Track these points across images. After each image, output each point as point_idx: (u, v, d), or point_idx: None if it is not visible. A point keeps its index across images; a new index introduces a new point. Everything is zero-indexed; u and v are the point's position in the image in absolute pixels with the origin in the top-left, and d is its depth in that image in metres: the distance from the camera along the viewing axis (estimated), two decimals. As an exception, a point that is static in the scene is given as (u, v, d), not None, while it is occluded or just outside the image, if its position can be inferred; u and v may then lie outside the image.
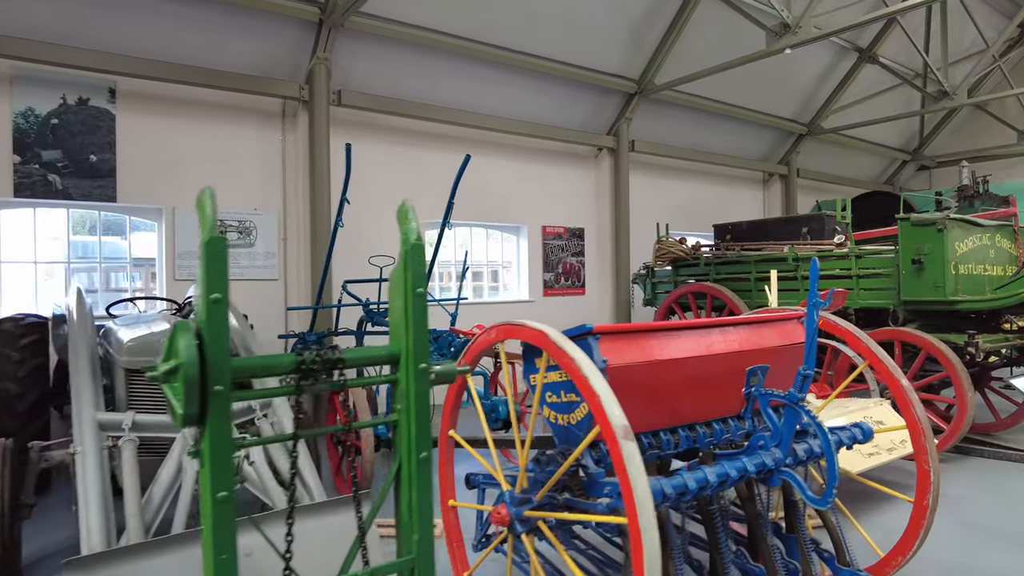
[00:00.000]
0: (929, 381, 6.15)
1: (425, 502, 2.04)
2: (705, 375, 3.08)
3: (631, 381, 2.79)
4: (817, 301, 2.78)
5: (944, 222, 5.98)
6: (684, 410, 3.09)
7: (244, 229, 8.27)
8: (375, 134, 9.18)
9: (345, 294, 7.55)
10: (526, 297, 10.77)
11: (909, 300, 6.36)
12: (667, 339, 2.91)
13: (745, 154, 13.91)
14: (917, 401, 3.24)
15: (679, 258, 8.91)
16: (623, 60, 10.59)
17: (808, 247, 7.50)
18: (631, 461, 2.17)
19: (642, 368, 2.79)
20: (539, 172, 10.86)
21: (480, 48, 9.24)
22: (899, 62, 13.64)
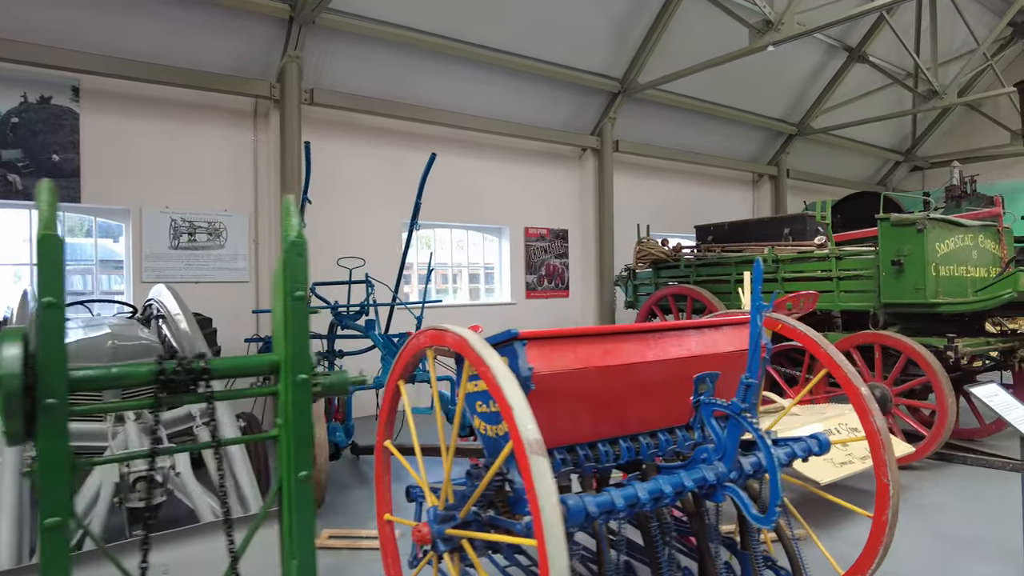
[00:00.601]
0: (911, 386, 5.96)
1: (306, 525, 1.86)
2: (648, 382, 2.90)
3: (562, 389, 2.60)
4: (759, 304, 2.59)
5: (924, 222, 5.80)
6: (625, 419, 2.90)
7: (214, 230, 8.10)
8: (350, 134, 9.01)
9: (313, 296, 7.36)
10: (508, 299, 10.59)
11: (889, 302, 6.17)
12: (603, 344, 2.73)
13: (734, 155, 13.73)
14: (876, 410, 3.05)
15: (660, 260, 8.73)
16: (606, 59, 10.42)
17: (789, 248, 7.31)
18: (540, 478, 1.99)
19: (574, 376, 2.61)
20: (522, 173, 10.69)
21: (458, 46, 9.07)
22: (890, 61, 13.47)
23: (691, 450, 3.01)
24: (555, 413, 2.64)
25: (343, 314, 7.18)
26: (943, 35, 12.89)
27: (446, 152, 9.85)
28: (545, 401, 2.58)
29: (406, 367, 3.06)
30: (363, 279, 7.15)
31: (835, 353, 3.19)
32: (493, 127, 10.05)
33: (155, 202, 7.71)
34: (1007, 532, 4.32)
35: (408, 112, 9.23)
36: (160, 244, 7.73)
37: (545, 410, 2.60)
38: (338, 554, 4.45)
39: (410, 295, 9.98)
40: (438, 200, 9.75)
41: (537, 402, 2.56)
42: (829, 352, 3.20)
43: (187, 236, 7.94)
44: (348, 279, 7.32)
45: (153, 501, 3.23)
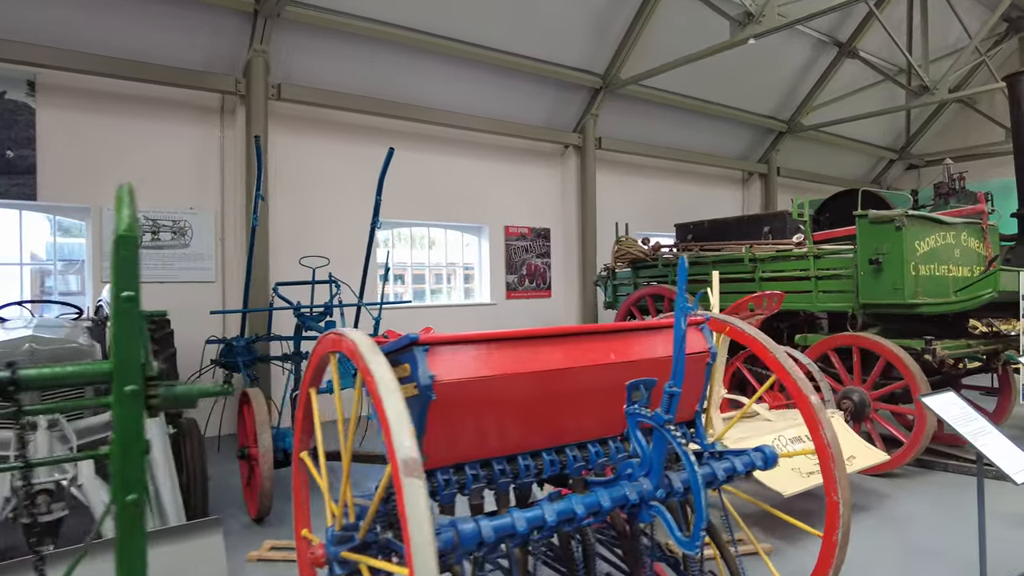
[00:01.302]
0: (890, 390, 5.71)
1: (135, 551, 1.64)
2: (575, 390, 2.67)
3: (470, 399, 2.38)
4: (685, 305, 2.36)
5: (902, 219, 5.55)
6: (551, 430, 2.67)
7: (179, 229, 7.89)
8: (321, 130, 8.79)
9: (276, 297, 7.15)
10: (487, 300, 10.36)
11: (868, 303, 5.93)
12: (519, 349, 2.50)
13: (722, 152, 13.48)
14: (827, 422, 2.82)
15: (638, 259, 8.50)
16: (587, 54, 10.18)
17: (767, 247, 7.07)
18: (412, 504, 1.76)
19: (483, 384, 2.38)
20: (502, 170, 10.46)
21: (434, 41, 8.85)
22: (882, 57, 13.21)
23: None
24: (463, 425, 2.41)
25: (306, 315, 6.97)
26: (936, 30, 12.64)
27: (422, 149, 9.65)
28: (451, 412, 2.36)
29: (315, 373, 2.84)
30: (327, 279, 6.94)
31: (784, 359, 2.95)
32: (471, 123, 9.82)
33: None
34: (970, 544, 4.10)
35: (381, 108, 9.01)
36: (122, 243, 7.51)
37: (451, 422, 2.38)
38: (275, 567, 4.23)
39: (388, 295, 9.76)
40: (414, 198, 9.56)
41: (441, 413, 2.35)
42: (778, 358, 2.96)
43: (151, 235, 7.73)
44: (311, 279, 7.11)
45: (49, 515, 3.01)
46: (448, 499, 2.43)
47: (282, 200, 8.35)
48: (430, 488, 2.39)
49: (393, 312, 8.97)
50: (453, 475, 2.44)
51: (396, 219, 9.52)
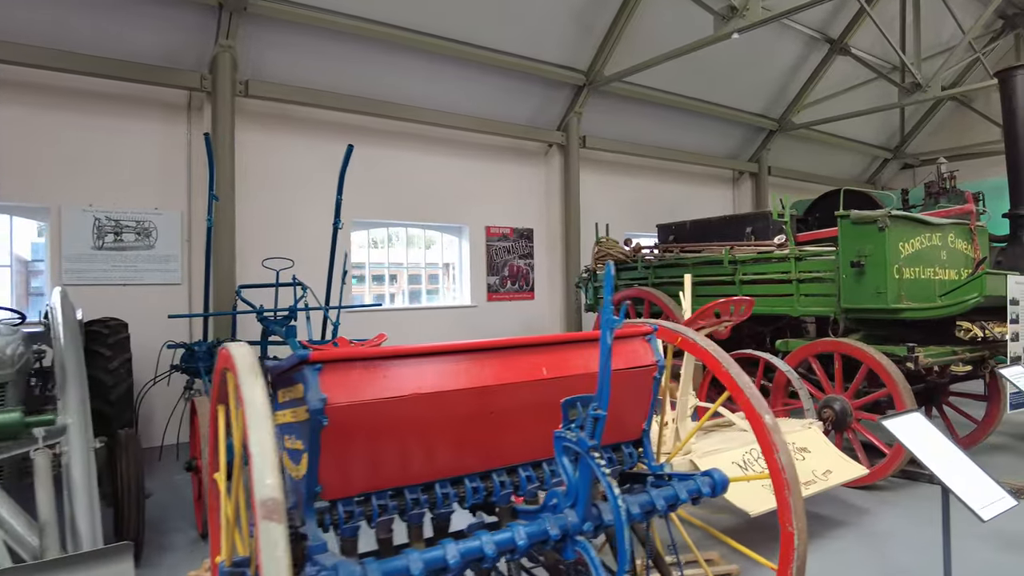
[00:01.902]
0: (873, 398, 5.45)
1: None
2: (500, 410, 2.41)
3: (371, 423, 2.12)
4: (610, 318, 2.11)
5: (885, 220, 5.30)
6: (473, 454, 2.42)
7: (143, 230, 7.64)
8: (293, 127, 8.54)
9: (239, 300, 6.90)
10: (468, 302, 10.11)
11: (850, 307, 5.67)
12: (431, 366, 2.25)
13: (711, 151, 13.23)
14: (782, 445, 2.56)
15: (619, 260, 8.24)
16: (570, 50, 9.93)
17: (748, 248, 6.82)
18: (268, 550, 1.51)
19: (386, 406, 2.12)
20: (483, 169, 10.21)
21: (410, 36, 8.60)
22: (875, 54, 12.95)
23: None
24: (367, 452, 2.16)
25: (270, 319, 6.72)
26: (930, 27, 12.39)
27: (401, 147, 9.41)
28: (350, 438, 2.11)
29: (220, 390, 2.59)
30: (293, 281, 6.69)
31: (738, 374, 2.70)
32: (451, 121, 9.57)
33: (77, 200, 7.25)
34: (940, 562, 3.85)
35: (356, 105, 8.76)
36: (82, 245, 7.27)
37: (351, 449, 2.13)
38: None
39: (363, 297, 9.52)
40: (392, 198, 9.32)
41: (338, 440, 2.09)
42: (731, 372, 2.71)
43: (113, 236, 7.48)
44: (275, 281, 6.87)
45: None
46: (349, 533, 2.17)
47: (251, 200, 8.10)
48: (329, 521, 2.14)
49: (366, 315, 8.74)
50: (357, 506, 2.19)
51: (373, 219, 9.28)
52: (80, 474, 3.48)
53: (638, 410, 2.82)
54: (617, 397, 2.75)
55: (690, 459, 4.10)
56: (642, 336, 2.83)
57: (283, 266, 6.97)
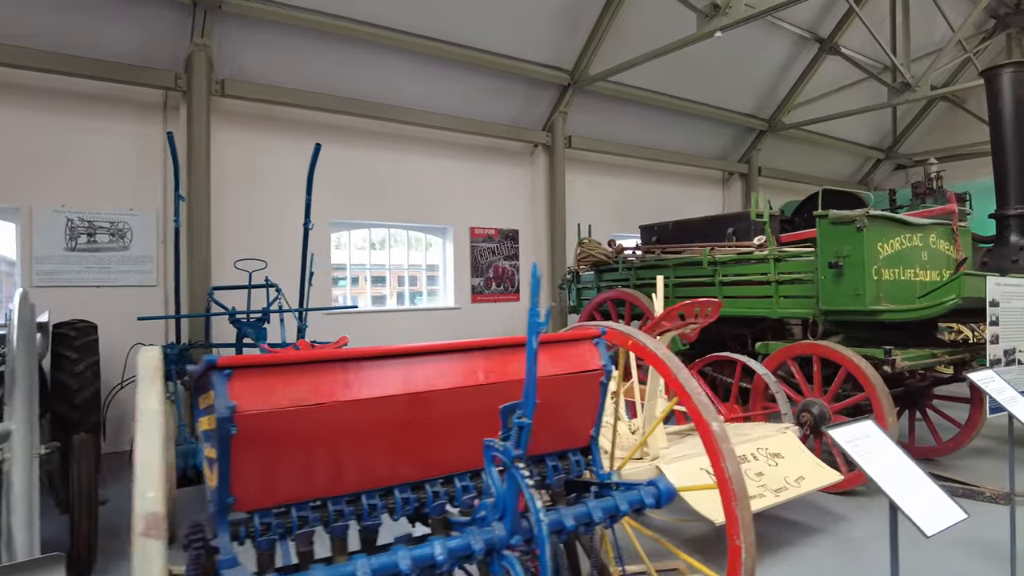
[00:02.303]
0: (853, 402, 5.33)
1: None
2: (434, 417, 2.31)
3: (287, 431, 2.02)
4: (536, 320, 2.00)
5: (863, 220, 5.19)
6: (405, 463, 2.31)
7: (117, 231, 7.53)
8: (272, 127, 8.44)
9: (212, 302, 6.80)
10: (451, 304, 10.00)
11: (828, 309, 5.57)
12: (351, 371, 2.14)
13: (701, 151, 13.13)
14: (730, 454, 2.45)
15: (601, 262, 8.14)
16: (555, 49, 9.84)
17: (728, 249, 6.71)
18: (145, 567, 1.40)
19: (302, 414, 2.02)
20: (467, 170, 10.11)
21: (393, 36, 8.49)
22: (865, 54, 12.85)
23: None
24: (284, 461, 2.05)
25: (243, 321, 6.61)
26: (922, 28, 12.31)
27: (384, 148, 9.32)
28: (264, 447, 2.00)
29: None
30: (266, 283, 6.59)
31: (687, 379, 2.59)
32: (433, 121, 9.47)
33: (48, 200, 7.14)
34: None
35: (337, 105, 8.66)
36: (54, 246, 7.16)
37: (266, 458, 2.02)
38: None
39: (340, 299, 9.42)
40: (373, 198, 9.22)
41: (250, 449, 1.98)
42: (679, 377, 2.60)
43: (86, 237, 7.37)
44: (248, 283, 6.76)
45: None
46: (266, 546, 2.06)
47: (228, 200, 8.00)
48: (244, 533, 2.03)
49: (349, 318, 8.65)
50: (275, 518, 2.08)
51: (354, 219, 9.18)
52: (20, 482, 3.37)
53: (585, 416, 2.71)
54: (563, 403, 2.65)
55: (656, 465, 3.99)
56: (589, 340, 2.72)
57: (256, 267, 6.87)
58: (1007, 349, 5.16)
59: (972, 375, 3.50)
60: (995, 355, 5.06)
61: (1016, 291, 5.20)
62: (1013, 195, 7.30)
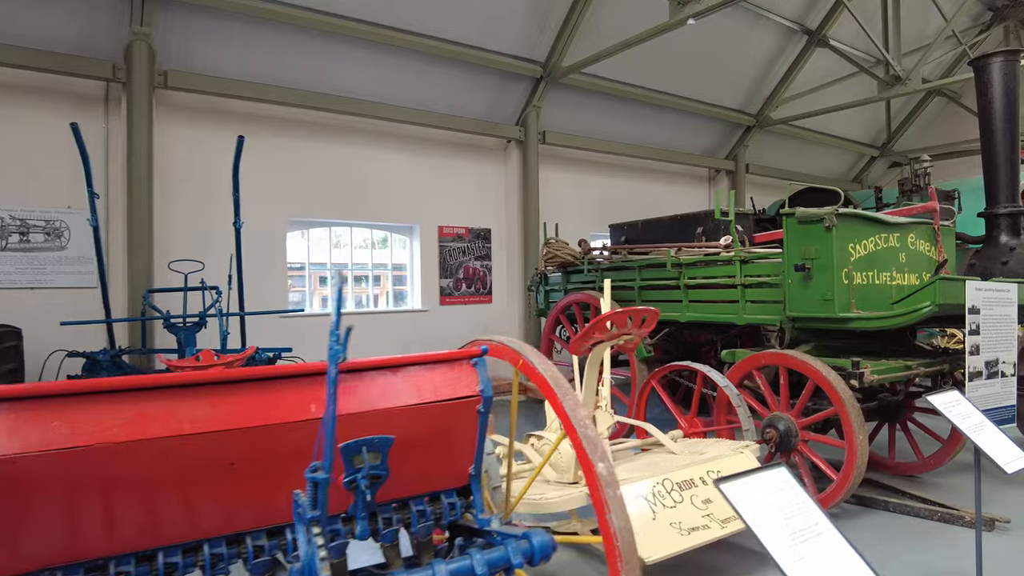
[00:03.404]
0: (823, 416, 4.88)
1: None
2: (249, 459, 1.89)
3: (45, 478, 1.60)
4: (335, 346, 1.58)
5: (831, 218, 4.75)
6: (207, 516, 1.89)
7: (53, 231, 7.14)
8: (224, 121, 8.02)
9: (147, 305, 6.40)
10: (418, 306, 9.58)
11: (796, 316, 5.13)
12: (131, 406, 1.72)
13: (686, 148, 12.68)
14: (618, 505, 2.01)
15: (568, 263, 7.71)
16: (526, 41, 9.40)
17: (695, 250, 6.28)
18: None
19: (59, 459, 1.60)
20: (435, 166, 9.69)
21: (351, 25, 8.07)
22: (857, 47, 12.37)
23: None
24: (38, 517, 1.64)
25: (178, 325, 6.22)
26: (916, 21, 11.85)
27: (344, 143, 8.90)
28: (11, 497, 1.59)
29: None
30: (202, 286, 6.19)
31: (573, 408, 2.16)
32: (398, 115, 9.05)
33: (-23, 198, 6.75)
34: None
35: (292, 98, 8.24)
36: (-17, 246, 6.78)
37: (15, 513, 1.60)
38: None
39: (299, 302, 9.01)
40: (334, 196, 8.81)
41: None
42: (566, 405, 2.17)
43: (19, 236, 6.98)
44: (184, 284, 6.36)
45: None
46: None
47: (174, 198, 7.60)
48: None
49: (301, 322, 8.25)
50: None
51: (314, 218, 8.77)
52: None
53: (460, 452, 2.29)
54: (431, 436, 2.23)
55: (585, 492, 3.55)
56: (466, 360, 2.30)
57: (192, 269, 6.47)
58: (989, 360, 4.71)
59: (933, 398, 3.07)
60: (975, 367, 4.61)
61: (999, 297, 4.75)
62: (1003, 192, 6.85)
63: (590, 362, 3.73)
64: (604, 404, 4.58)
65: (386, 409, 2.10)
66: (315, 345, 8.18)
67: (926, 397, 3.14)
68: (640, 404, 5.79)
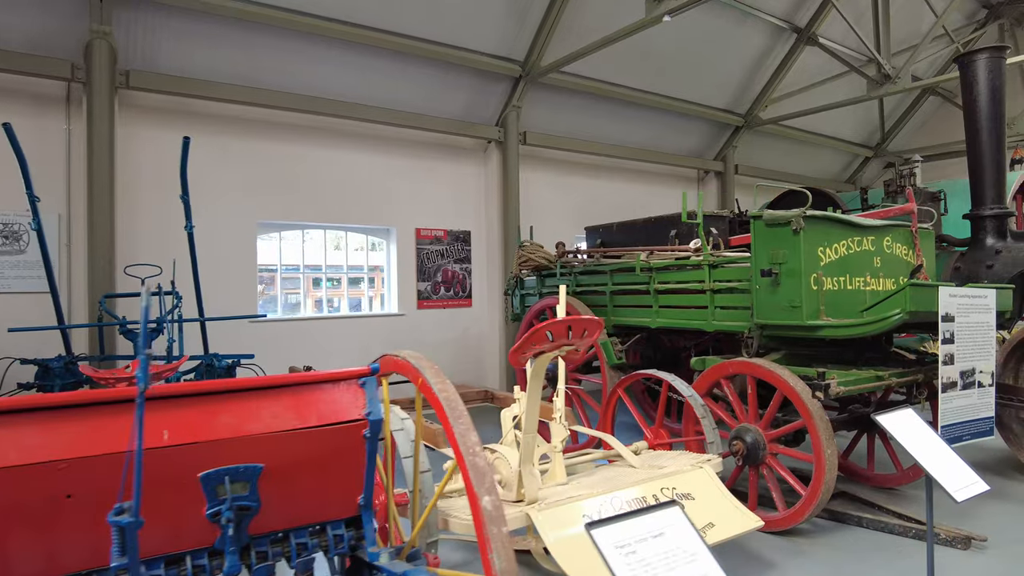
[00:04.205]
0: (792, 428, 4.66)
1: None
2: (85, 492, 1.69)
3: None
4: (143, 357, 1.39)
5: (799, 221, 4.54)
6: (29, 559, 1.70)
7: (12, 233, 6.97)
8: (191, 122, 7.83)
9: (103, 311, 6.23)
10: (395, 310, 9.39)
11: (764, 323, 4.92)
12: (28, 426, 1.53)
13: (673, 148, 12.46)
14: (501, 544, 1.81)
15: (543, 266, 7.51)
16: (504, 39, 9.21)
17: (667, 254, 6.07)
18: None
19: None
20: (412, 167, 9.50)
21: (325, 25, 7.89)
22: (847, 46, 12.14)
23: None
24: None
25: (135, 332, 6.05)
26: (910, 19, 11.62)
27: (319, 144, 8.73)
28: None
29: None
30: (158, 290, 6.02)
31: (464, 433, 1.96)
32: (372, 115, 8.86)
33: (-70, 201, 6.59)
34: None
35: (262, 98, 8.06)
36: (-62, 251, 6.61)
37: None
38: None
39: (297, 304, 8.82)
40: (307, 198, 8.63)
41: None
42: (456, 430, 1.97)
43: (-24, 240, 6.81)
44: (142, 290, 6.16)
45: None
46: None
47: (139, 200, 7.43)
48: None
49: (283, 327, 8.09)
50: None
51: (286, 220, 8.58)
52: None
53: (347, 480, 2.09)
54: (313, 464, 2.03)
55: (527, 512, 3.35)
56: (353, 380, 2.10)
57: (150, 273, 6.30)
58: (964, 370, 4.50)
59: (881, 418, 2.85)
60: (949, 378, 4.40)
61: (975, 303, 4.54)
62: (988, 193, 6.63)
63: (533, 374, 3.53)
64: (559, 415, 4.38)
65: (257, 435, 1.90)
66: (280, 351, 8.00)
67: (874, 416, 2.93)
68: (607, 413, 5.58)
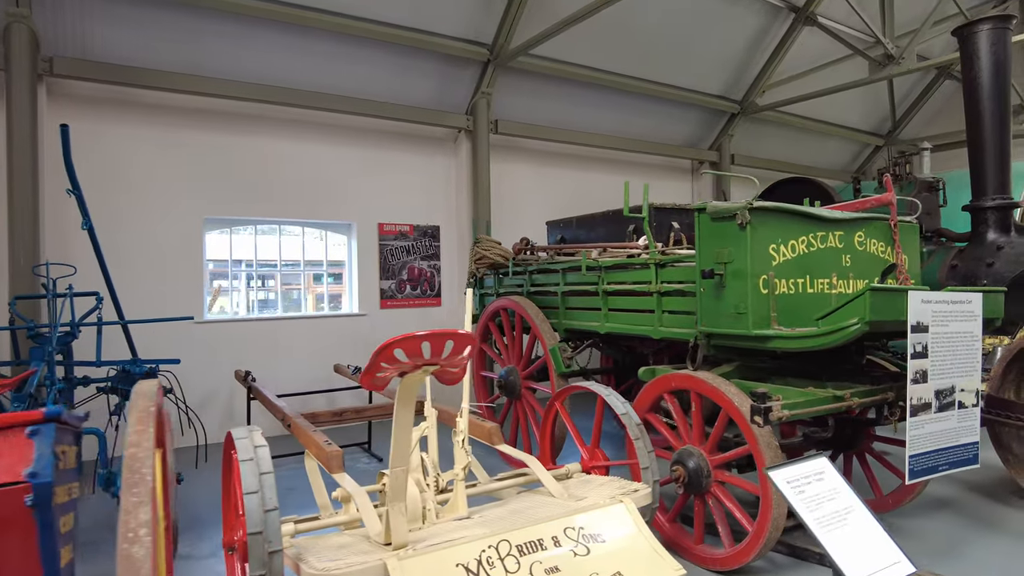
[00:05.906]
0: (739, 454, 4.05)
1: None
2: None
3: None
4: None
5: (744, 215, 3.92)
6: None
7: (-66, 231, 6.61)
8: (132, 114, 7.42)
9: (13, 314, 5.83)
10: (355, 310, 8.90)
11: (710, 331, 4.30)
12: None
13: (664, 138, 11.76)
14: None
15: (499, 264, 6.96)
16: (470, 21, 8.62)
17: (618, 251, 5.46)
18: None
19: None
20: (374, 159, 8.99)
21: (266, 7, 7.39)
22: (851, 26, 11.29)
23: None
24: None
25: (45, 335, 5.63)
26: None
27: (269, 135, 8.25)
28: None
29: None
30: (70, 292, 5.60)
31: (134, 504, 1.42)
32: (329, 103, 8.36)
33: None
34: None
35: (209, 87, 7.59)
36: None
37: None
38: None
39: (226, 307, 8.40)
40: (260, 191, 8.18)
41: None
42: (124, 500, 1.43)
43: None
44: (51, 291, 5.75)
45: None
46: None
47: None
48: None
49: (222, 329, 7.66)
50: None
51: (236, 216, 8.13)
52: None
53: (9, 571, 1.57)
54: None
55: (385, 561, 2.80)
56: (20, 427, 1.57)
57: (63, 273, 5.88)
58: (940, 389, 3.84)
59: (773, 473, 2.25)
60: (921, 398, 3.74)
61: (955, 310, 3.87)
62: (991, 182, 5.93)
63: (400, 398, 2.98)
64: (462, 439, 3.83)
65: None
66: (233, 354, 7.57)
67: (765, 471, 2.32)
68: (545, 429, 5.02)
